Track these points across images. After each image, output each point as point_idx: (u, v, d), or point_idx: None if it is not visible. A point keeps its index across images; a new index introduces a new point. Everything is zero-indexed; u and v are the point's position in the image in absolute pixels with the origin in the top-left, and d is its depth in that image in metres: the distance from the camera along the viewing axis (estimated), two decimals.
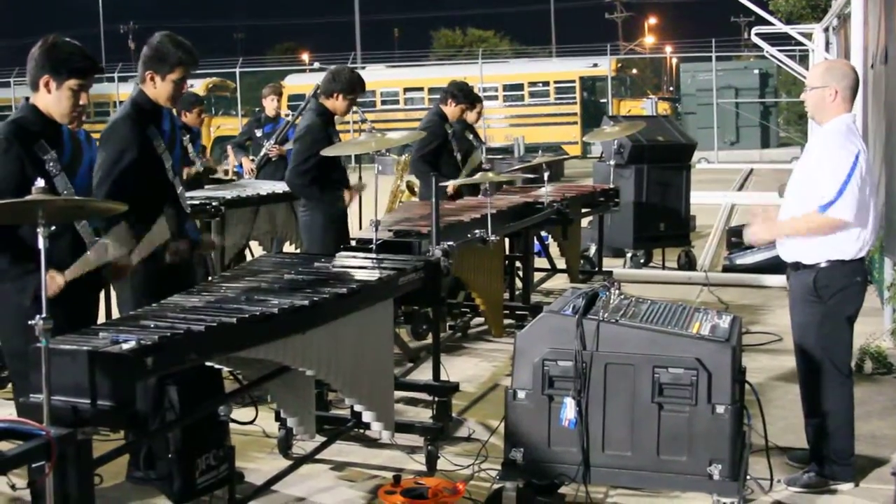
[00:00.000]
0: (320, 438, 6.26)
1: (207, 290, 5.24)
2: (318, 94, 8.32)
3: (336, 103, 8.16)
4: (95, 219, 5.46)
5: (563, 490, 5.62)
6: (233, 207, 9.02)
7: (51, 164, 5.18)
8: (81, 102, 5.24)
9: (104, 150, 5.88)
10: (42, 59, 5.21)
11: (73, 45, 5.32)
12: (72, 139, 5.40)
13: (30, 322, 4.02)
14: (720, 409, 5.21)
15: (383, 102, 39.83)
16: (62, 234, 5.18)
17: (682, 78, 40.59)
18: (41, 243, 4.09)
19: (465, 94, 10.36)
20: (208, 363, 4.92)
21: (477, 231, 7.74)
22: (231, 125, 37.82)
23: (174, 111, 7.08)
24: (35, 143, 5.17)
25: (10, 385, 8.03)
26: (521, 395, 5.48)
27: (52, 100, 5.22)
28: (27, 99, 5.31)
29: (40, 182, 4.33)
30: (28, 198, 4.26)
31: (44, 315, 4.00)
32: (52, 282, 4.89)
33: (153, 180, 5.90)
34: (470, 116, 10.92)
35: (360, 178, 8.58)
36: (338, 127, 8.39)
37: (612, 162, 12.03)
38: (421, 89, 40.82)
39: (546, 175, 9.92)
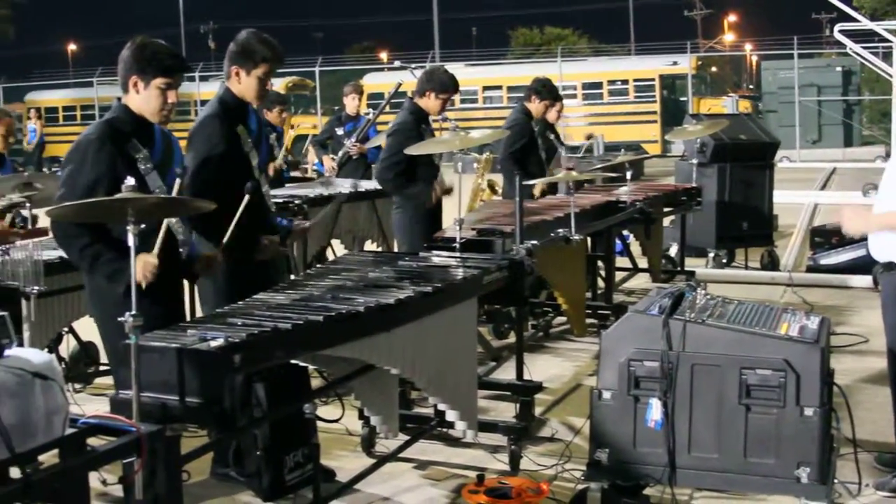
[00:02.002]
0: (403, 437, 6.27)
1: (293, 288, 5.26)
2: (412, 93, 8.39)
3: (429, 102, 8.23)
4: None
5: (647, 491, 5.58)
6: (315, 205, 9.05)
7: (142, 162, 5.24)
8: (170, 101, 5.28)
9: (192, 148, 5.94)
10: (130, 59, 5.26)
11: (159, 45, 5.36)
12: (164, 138, 5.44)
13: (119, 319, 4.06)
14: (809, 412, 5.15)
15: (462, 101, 39.59)
16: (155, 232, 5.21)
17: (764, 76, 40.03)
18: (130, 241, 4.14)
19: (549, 91, 10.35)
20: (294, 361, 4.94)
21: (560, 230, 7.71)
22: (310, 124, 37.99)
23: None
24: (128, 143, 5.22)
25: (96, 381, 8.15)
26: (606, 395, 5.45)
27: (142, 99, 5.26)
28: (119, 99, 5.36)
29: (130, 180, 4.38)
30: (118, 196, 4.30)
31: (133, 312, 4.05)
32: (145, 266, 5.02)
33: (240, 178, 5.93)
34: (550, 115, 10.88)
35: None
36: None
37: (694, 161, 11.96)
38: (500, 87, 40.73)
39: (629, 174, 9.87)
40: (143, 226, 4.22)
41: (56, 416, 3.66)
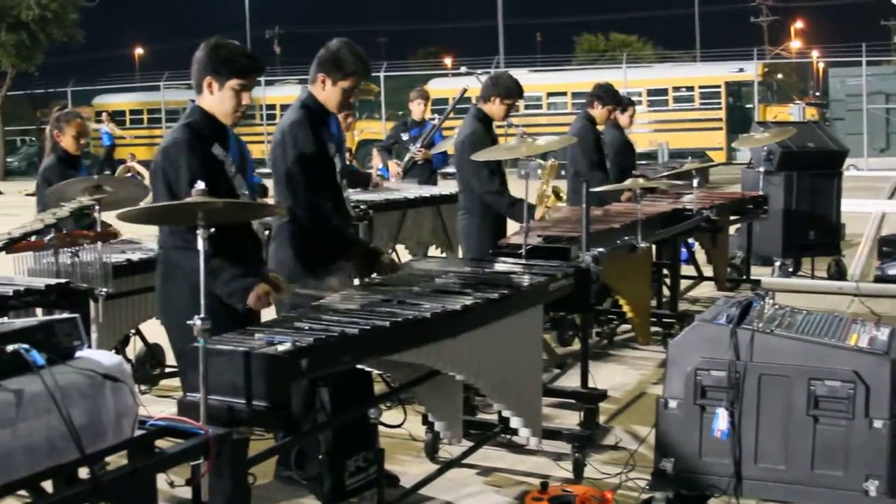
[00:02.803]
0: (467, 443, 6.27)
1: (360, 294, 5.27)
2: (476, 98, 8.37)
3: (493, 107, 8.17)
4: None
5: (712, 502, 5.54)
6: (380, 211, 9.06)
7: (229, 165, 5.26)
8: (244, 102, 5.26)
9: (283, 152, 5.88)
10: (205, 60, 5.23)
11: (234, 46, 5.34)
12: (237, 141, 5.45)
13: (188, 322, 4.09)
14: (878, 424, 5.11)
15: (526, 107, 39.49)
16: (240, 233, 5.22)
17: (831, 83, 39.64)
18: (200, 244, 4.17)
19: (610, 96, 10.32)
20: (359, 366, 4.95)
21: (626, 237, 7.68)
22: (375, 129, 38.14)
23: None
24: (211, 145, 5.22)
25: (161, 383, 8.22)
26: (672, 404, 5.44)
27: (216, 101, 5.24)
28: (192, 101, 5.36)
29: (200, 184, 4.40)
30: (187, 200, 4.33)
31: (202, 315, 4.08)
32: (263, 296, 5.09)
33: (327, 184, 5.95)
34: (623, 120, 10.85)
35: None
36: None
37: (761, 168, 11.88)
38: (564, 94, 40.61)
39: (695, 182, 9.82)
40: (212, 230, 4.23)
41: (125, 417, 3.68)
